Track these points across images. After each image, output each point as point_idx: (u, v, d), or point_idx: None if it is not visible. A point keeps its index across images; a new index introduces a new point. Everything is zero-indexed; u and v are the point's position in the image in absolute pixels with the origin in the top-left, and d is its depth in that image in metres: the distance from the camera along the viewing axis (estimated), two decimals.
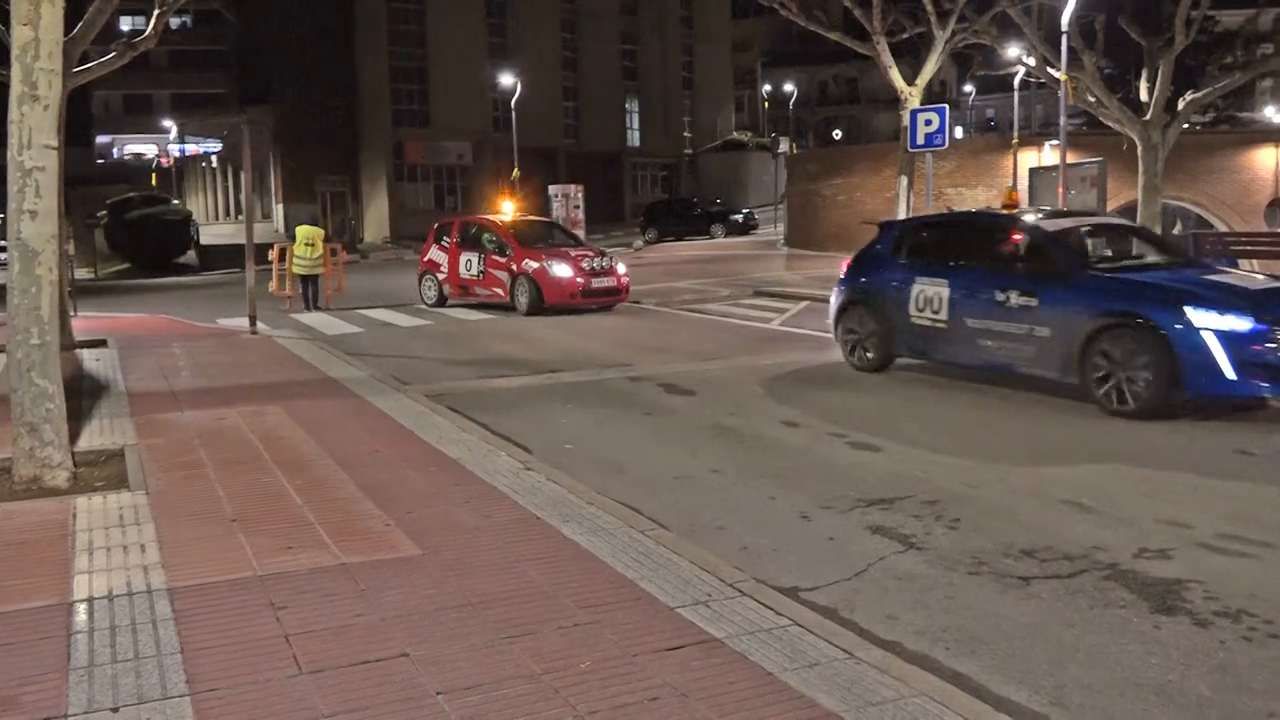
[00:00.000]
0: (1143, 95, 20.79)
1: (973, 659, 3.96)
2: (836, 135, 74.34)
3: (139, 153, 63.96)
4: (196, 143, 54.94)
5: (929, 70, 20.01)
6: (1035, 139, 31.69)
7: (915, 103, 18.85)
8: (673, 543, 4.99)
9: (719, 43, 64.35)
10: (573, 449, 7.47)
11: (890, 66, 20.06)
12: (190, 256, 37.09)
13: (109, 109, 65.66)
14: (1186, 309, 7.82)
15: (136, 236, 36.03)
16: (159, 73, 61.00)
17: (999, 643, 4.10)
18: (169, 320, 17.42)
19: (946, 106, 17.33)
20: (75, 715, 3.33)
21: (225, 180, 55.81)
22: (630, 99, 59.42)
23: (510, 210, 25.04)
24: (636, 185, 59.42)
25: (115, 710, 3.36)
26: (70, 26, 9.09)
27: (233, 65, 57.14)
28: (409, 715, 3.31)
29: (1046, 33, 20.93)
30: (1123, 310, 8.14)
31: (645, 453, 7.39)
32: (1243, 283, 8.59)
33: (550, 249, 17.18)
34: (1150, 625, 4.22)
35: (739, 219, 44.14)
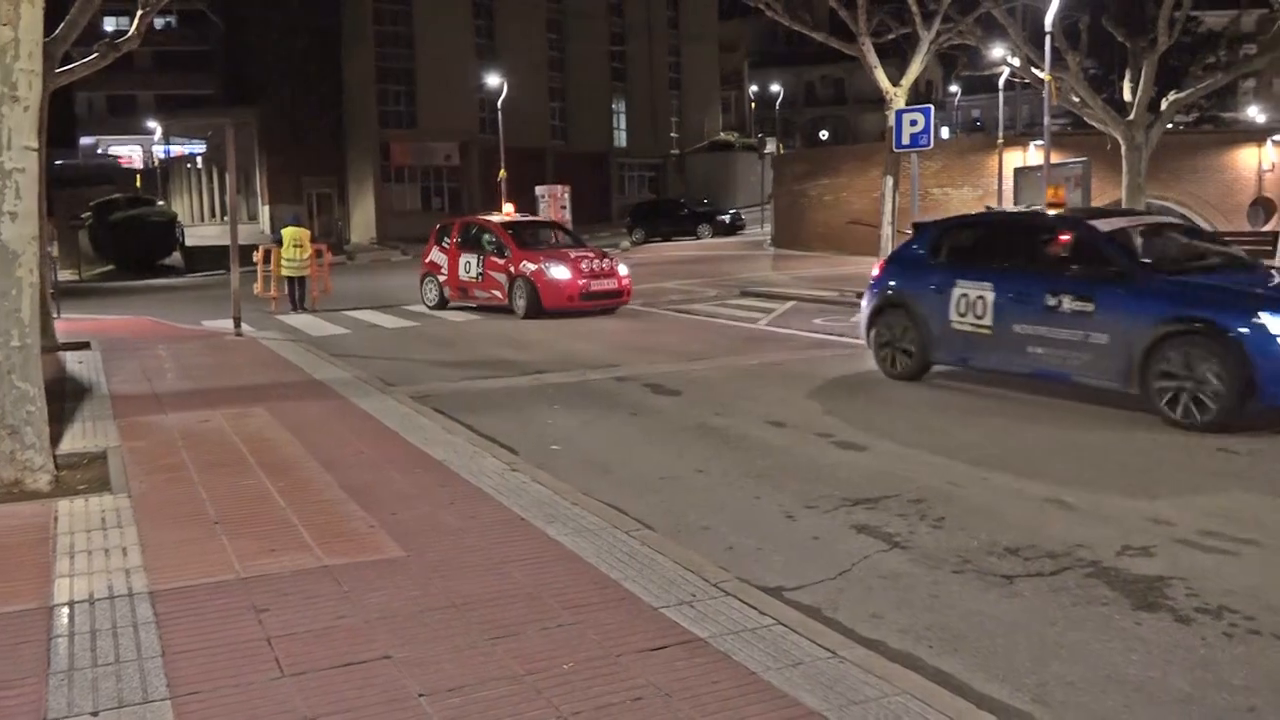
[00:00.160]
0: (1126, 95, 20.90)
1: (955, 657, 3.98)
2: (823, 136, 74.47)
3: (115, 155, 63.41)
4: (181, 144, 54.67)
5: (914, 71, 20.05)
6: (1020, 139, 31.80)
7: (901, 103, 18.86)
8: (657, 543, 5.00)
9: (706, 43, 64.37)
10: (559, 450, 7.47)
11: (876, 67, 20.09)
12: (175, 258, 36.96)
13: (93, 109, 65.27)
14: (1263, 314, 7.36)
15: (121, 238, 35.88)
16: (143, 73, 60.73)
17: (982, 641, 4.12)
18: (153, 322, 17.35)
19: (932, 107, 17.35)
20: None
21: (210, 182, 55.47)
22: (617, 99, 59.39)
23: (511, 210, 24.85)
24: (624, 186, 59.36)
25: (95, 715, 3.34)
26: (52, 26, 9.04)
27: (218, 66, 56.79)
28: (391, 717, 3.30)
29: (1031, 33, 21.00)
30: (1191, 315, 7.62)
31: (631, 453, 7.40)
32: None
33: (550, 250, 16.98)
34: (1132, 622, 4.25)
35: (726, 219, 44.18)
